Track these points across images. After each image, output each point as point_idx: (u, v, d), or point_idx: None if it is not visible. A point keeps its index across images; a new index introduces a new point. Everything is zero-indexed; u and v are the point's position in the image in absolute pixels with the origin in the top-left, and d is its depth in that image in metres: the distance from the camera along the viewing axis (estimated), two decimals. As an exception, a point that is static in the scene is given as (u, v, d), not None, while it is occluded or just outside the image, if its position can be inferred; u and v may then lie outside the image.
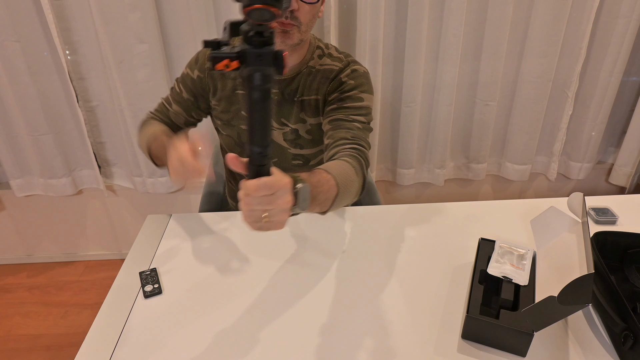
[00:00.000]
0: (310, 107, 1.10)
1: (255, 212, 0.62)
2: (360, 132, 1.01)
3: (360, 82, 1.07)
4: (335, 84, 1.07)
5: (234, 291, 0.90)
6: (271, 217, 0.63)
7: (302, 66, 1.07)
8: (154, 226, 1.11)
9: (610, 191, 2.16)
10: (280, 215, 0.63)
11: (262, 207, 0.62)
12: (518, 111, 1.87)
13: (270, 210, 0.62)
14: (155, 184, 1.89)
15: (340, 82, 1.07)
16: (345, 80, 1.06)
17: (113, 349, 0.79)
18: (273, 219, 0.63)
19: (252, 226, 0.65)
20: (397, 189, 2.10)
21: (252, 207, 0.62)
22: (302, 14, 0.95)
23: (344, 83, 1.06)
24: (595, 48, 1.76)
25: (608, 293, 0.81)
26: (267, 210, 0.62)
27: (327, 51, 1.10)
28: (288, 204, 0.63)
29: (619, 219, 1.09)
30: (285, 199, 0.63)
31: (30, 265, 2.13)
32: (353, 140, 0.98)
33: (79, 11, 1.57)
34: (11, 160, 1.83)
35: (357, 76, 1.07)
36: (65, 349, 1.70)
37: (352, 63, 1.09)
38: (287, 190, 0.63)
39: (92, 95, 1.75)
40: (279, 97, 1.09)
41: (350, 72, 1.07)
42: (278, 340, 0.80)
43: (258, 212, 0.62)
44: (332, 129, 1.02)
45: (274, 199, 0.62)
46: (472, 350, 0.77)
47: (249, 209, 0.62)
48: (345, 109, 1.04)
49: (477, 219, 1.11)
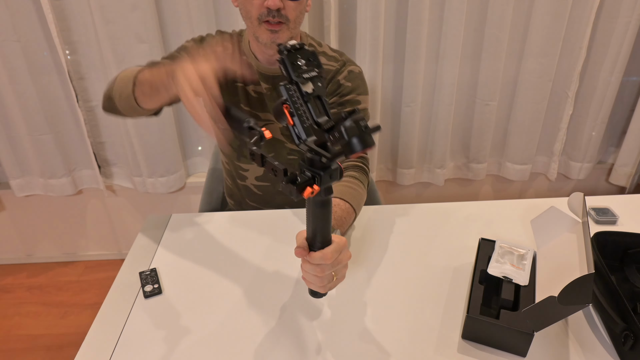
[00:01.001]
0: None
1: (327, 276, 0.69)
2: None
3: (357, 85, 1.09)
4: (333, 87, 1.08)
5: (233, 291, 0.90)
6: (338, 274, 0.71)
7: None
8: (154, 226, 1.11)
9: (610, 191, 2.16)
10: (345, 269, 0.72)
11: (333, 269, 0.69)
12: (518, 111, 1.87)
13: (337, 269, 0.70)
14: (155, 184, 1.89)
15: (338, 85, 1.08)
16: (342, 83, 1.08)
17: (113, 349, 0.79)
18: (339, 275, 0.71)
19: (323, 289, 0.71)
20: (397, 189, 2.10)
21: (324, 273, 0.68)
22: (289, 11, 0.95)
23: (341, 86, 1.08)
24: (595, 48, 1.76)
25: (608, 293, 0.81)
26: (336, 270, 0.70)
27: (320, 49, 1.11)
28: (349, 257, 0.72)
29: (619, 219, 1.09)
30: (347, 255, 0.71)
31: (30, 265, 2.13)
32: None
33: (79, 11, 1.57)
34: (11, 160, 1.83)
35: (353, 78, 1.09)
36: (65, 349, 1.70)
37: (347, 63, 1.10)
38: (346, 247, 0.71)
39: (92, 95, 1.75)
40: (272, 93, 1.09)
41: (347, 73, 1.09)
42: (278, 340, 0.80)
43: (329, 275, 0.69)
44: None
45: (341, 258, 0.69)
46: (472, 350, 0.77)
47: (322, 275, 0.69)
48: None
49: (477, 219, 1.11)
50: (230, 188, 1.29)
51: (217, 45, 0.90)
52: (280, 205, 1.22)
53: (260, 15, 0.95)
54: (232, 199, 1.32)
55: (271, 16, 0.94)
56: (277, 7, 0.93)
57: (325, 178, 0.56)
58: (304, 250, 0.68)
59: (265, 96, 1.09)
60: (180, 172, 1.92)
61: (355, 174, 1.04)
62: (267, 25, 0.95)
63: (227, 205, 1.40)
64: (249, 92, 1.10)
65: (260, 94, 1.09)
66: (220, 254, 1.01)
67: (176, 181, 1.91)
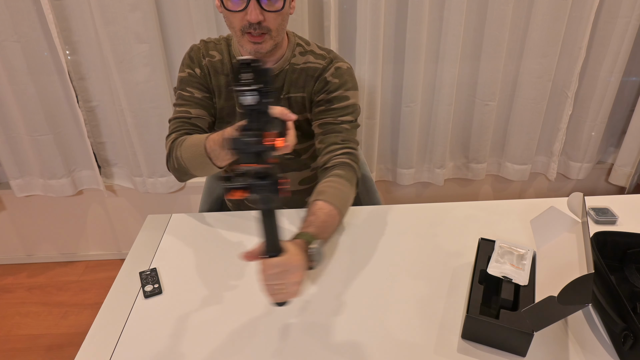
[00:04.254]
0: (297, 104, 1.12)
1: (271, 286, 0.72)
2: (348, 134, 1.08)
3: (344, 81, 1.09)
4: (321, 84, 1.09)
5: (234, 291, 0.90)
6: (286, 289, 0.72)
7: (284, 64, 1.09)
8: (154, 226, 1.11)
9: (610, 191, 2.16)
10: (293, 287, 0.73)
11: (276, 282, 0.71)
12: (518, 111, 1.87)
13: (285, 284, 0.72)
14: (155, 184, 1.89)
15: (325, 82, 1.09)
16: (330, 80, 1.08)
17: (113, 349, 0.79)
18: (288, 291, 0.73)
19: (271, 298, 0.74)
20: (397, 189, 2.10)
21: (268, 282, 0.71)
22: (270, 22, 0.96)
23: (329, 83, 1.08)
24: (595, 48, 1.76)
25: (608, 293, 0.81)
26: (281, 284, 0.72)
27: (308, 48, 1.11)
28: (299, 278, 0.73)
29: (618, 219, 1.09)
30: (296, 275, 0.72)
31: (30, 265, 2.13)
32: (343, 144, 1.06)
33: (79, 11, 1.57)
34: (11, 160, 1.83)
35: (340, 74, 1.09)
36: (65, 349, 1.70)
37: (335, 60, 1.10)
38: (298, 267, 0.72)
39: (92, 95, 1.75)
40: None
41: (334, 70, 1.09)
42: (278, 339, 0.80)
43: (274, 286, 0.72)
44: (322, 134, 1.09)
45: (286, 275, 0.71)
46: (472, 350, 0.77)
47: (266, 284, 0.72)
48: (333, 110, 1.08)
49: (477, 219, 1.11)
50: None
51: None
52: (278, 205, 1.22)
53: (242, 27, 0.96)
54: (230, 200, 1.32)
55: (252, 29, 0.95)
56: (258, 20, 0.93)
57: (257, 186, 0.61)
58: (250, 254, 0.72)
59: None
60: (180, 172, 1.92)
61: (341, 172, 1.02)
62: (250, 37, 0.96)
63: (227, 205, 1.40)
64: None
65: None
66: (220, 254, 1.01)
67: (176, 181, 1.91)
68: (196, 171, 1.01)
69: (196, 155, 0.95)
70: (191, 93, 1.09)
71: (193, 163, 0.98)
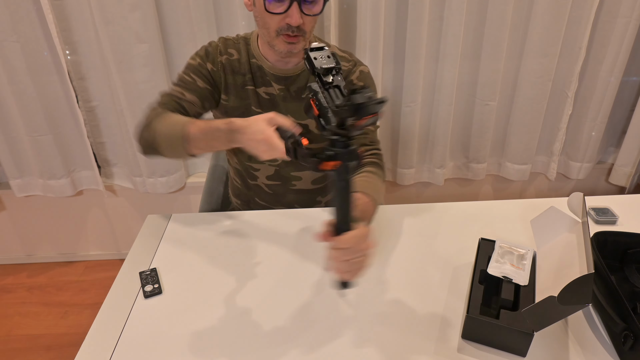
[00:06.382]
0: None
1: (347, 262, 0.71)
2: (374, 135, 1.14)
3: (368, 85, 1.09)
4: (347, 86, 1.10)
5: (234, 291, 0.90)
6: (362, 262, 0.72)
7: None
8: (154, 226, 1.11)
9: (610, 191, 2.16)
10: (370, 256, 0.73)
11: (353, 256, 0.71)
12: (518, 111, 1.87)
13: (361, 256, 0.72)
14: (155, 184, 1.89)
15: (351, 84, 1.11)
16: (355, 83, 1.11)
17: (113, 349, 0.79)
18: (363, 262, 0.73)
19: (345, 276, 0.74)
20: (397, 189, 2.10)
21: (344, 258, 0.71)
22: (307, 24, 0.99)
23: (355, 86, 1.10)
24: (595, 48, 1.76)
25: (608, 293, 0.81)
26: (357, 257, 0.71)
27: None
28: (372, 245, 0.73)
29: (619, 219, 1.09)
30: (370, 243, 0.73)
31: (30, 265, 2.13)
32: (372, 146, 1.11)
33: (79, 11, 1.57)
34: (11, 160, 1.83)
35: (364, 78, 1.13)
36: (65, 349, 1.70)
37: (357, 64, 1.14)
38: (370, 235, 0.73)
39: (92, 95, 1.75)
40: (285, 93, 1.11)
41: (359, 73, 1.12)
42: (278, 339, 0.80)
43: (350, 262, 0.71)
44: None
45: (366, 245, 0.72)
46: (472, 350, 0.77)
47: (343, 260, 0.71)
48: None
49: (477, 219, 1.11)
50: (239, 188, 1.29)
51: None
52: (290, 204, 1.23)
53: (279, 28, 0.97)
54: (238, 198, 1.32)
55: (290, 31, 0.97)
56: (299, 23, 0.95)
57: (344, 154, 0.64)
58: (327, 234, 0.71)
59: (277, 97, 1.11)
60: (180, 172, 1.92)
61: (372, 168, 1.06)
62: (286, 37, 0.98)
63: (229, 205, 1.40)
64: (259, 95, 1.11)
65: (271, 95, 1.11)
66: (220, 254, 1.01)
67: (176, 181, 1.91)
68: (165, 150, 1.00)
69: (172, 134, 0.95)
70: (193, 80, 1.09)
71: (166, 141, 0.97)
